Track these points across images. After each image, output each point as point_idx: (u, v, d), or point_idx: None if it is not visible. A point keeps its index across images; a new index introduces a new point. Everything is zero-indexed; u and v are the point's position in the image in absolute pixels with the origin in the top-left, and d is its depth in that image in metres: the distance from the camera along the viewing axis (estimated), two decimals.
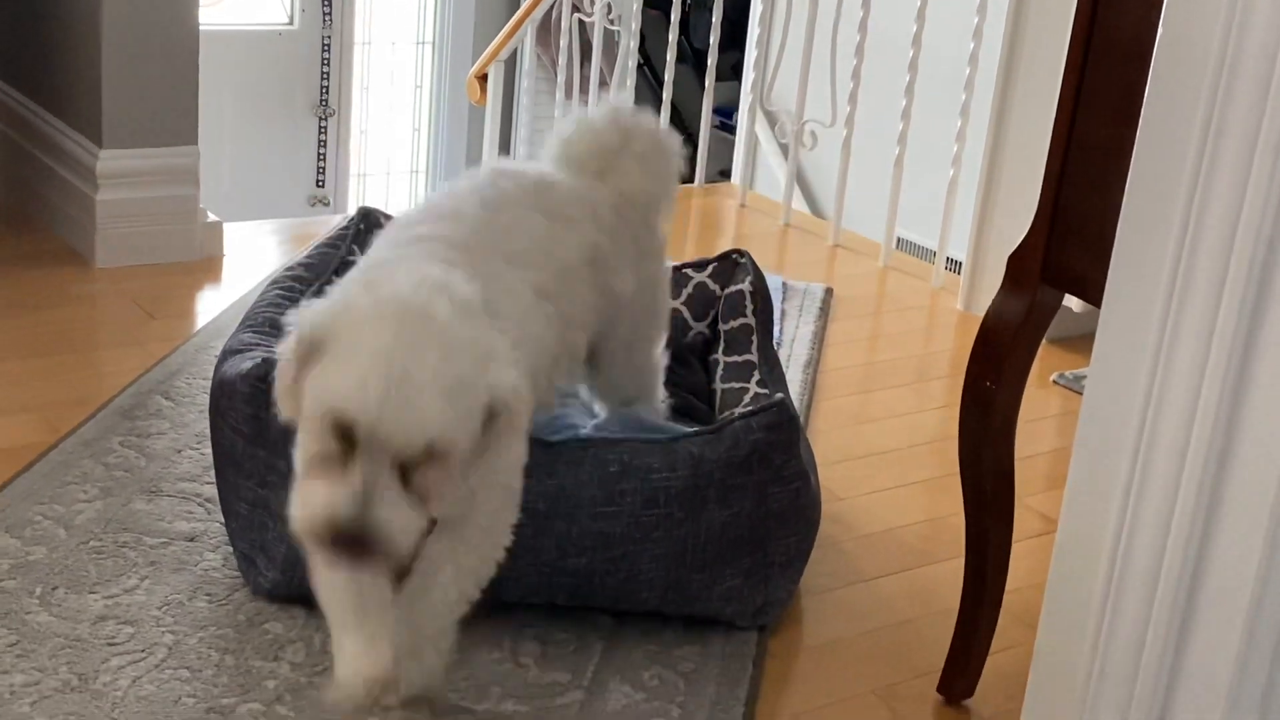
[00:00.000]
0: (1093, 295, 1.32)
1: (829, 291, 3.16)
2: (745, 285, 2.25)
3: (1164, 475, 1.16)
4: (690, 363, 2.28)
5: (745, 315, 2.19)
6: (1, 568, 1.84)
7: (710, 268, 2.37)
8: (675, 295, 2.29)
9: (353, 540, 1.11)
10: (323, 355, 1.15)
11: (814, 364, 2.76)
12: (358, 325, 1.14)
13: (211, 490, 1.95)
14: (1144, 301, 1.18)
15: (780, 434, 1.73)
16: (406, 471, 1.13)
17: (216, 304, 2.85)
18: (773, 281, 2.51)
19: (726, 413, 1.89)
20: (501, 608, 1.67)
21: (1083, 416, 1.24)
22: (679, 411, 2.07)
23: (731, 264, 2.34)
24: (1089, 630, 1.23)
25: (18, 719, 1.55)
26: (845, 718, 1.62)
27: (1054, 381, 2.77)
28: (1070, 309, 2.61)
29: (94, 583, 1.83)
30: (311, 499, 1.13)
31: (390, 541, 1.12)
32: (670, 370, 2.11)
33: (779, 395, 1.83)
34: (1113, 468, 1.19)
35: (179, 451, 2.19)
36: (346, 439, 1.12)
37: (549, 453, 1.70)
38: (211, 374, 1.90)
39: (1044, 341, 2.89)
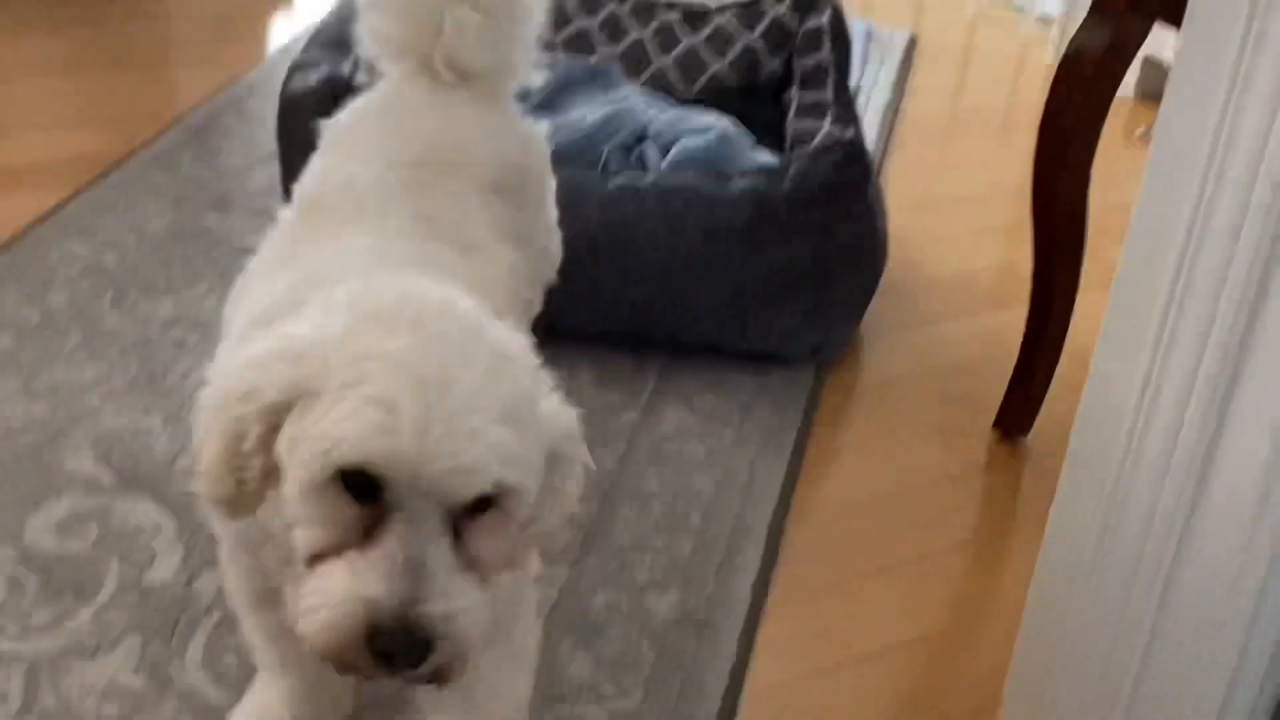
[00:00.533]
0: (1180, 19, 1.26)
1: (913, 39, 3.06)
2: (824, 21, 2.13)
3: (1211, 268, 1.11)
4: (763, 99, 2.18)
5: (822, 52, 2.07)
6: (74, 271, 1.98)
7: (788, 0, 2.21)
8: (751, 30, 2.19)
9: (403, 643, 0.77)
10: (310, 399, 0.80)
11: (894, 109, 2.69)
12: (363, 346, 0.80)
13: (280, 207, 1.99)
14: (1207, 89, 1.12)
15: (849, 173, 1.68)
16: (457, 532, 0.81)
17: (290, 28, 2.86)
18: (857, 28, 2.42)
19: (795, 150, 1.79)
20: (558, 336, 1.67)
21: (1142, 192, 1.21)
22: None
23: None
24: (1137, 381, 1.21)
25: (88, 412, 1.66)
26: (897, 448, 1.65)
27: (1139, 136, 2.64)
28: (1161, 64, 2.46)
29: (164, 289, 1.90)
30: (331, 594, 0.78)
31: (455, 637, 0.78)
32: (742, 107, 2.05)
33: (850, 133, 1.75)
34: (1164, 251, 1.16)
35: (249, 169, 2.28)
36: (365, 501, 0.79)
37: (611, 185, 1.68)
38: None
39: (1134, 98, 2.79)
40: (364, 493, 0.78)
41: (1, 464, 1.50)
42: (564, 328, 1.59)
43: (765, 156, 1.83)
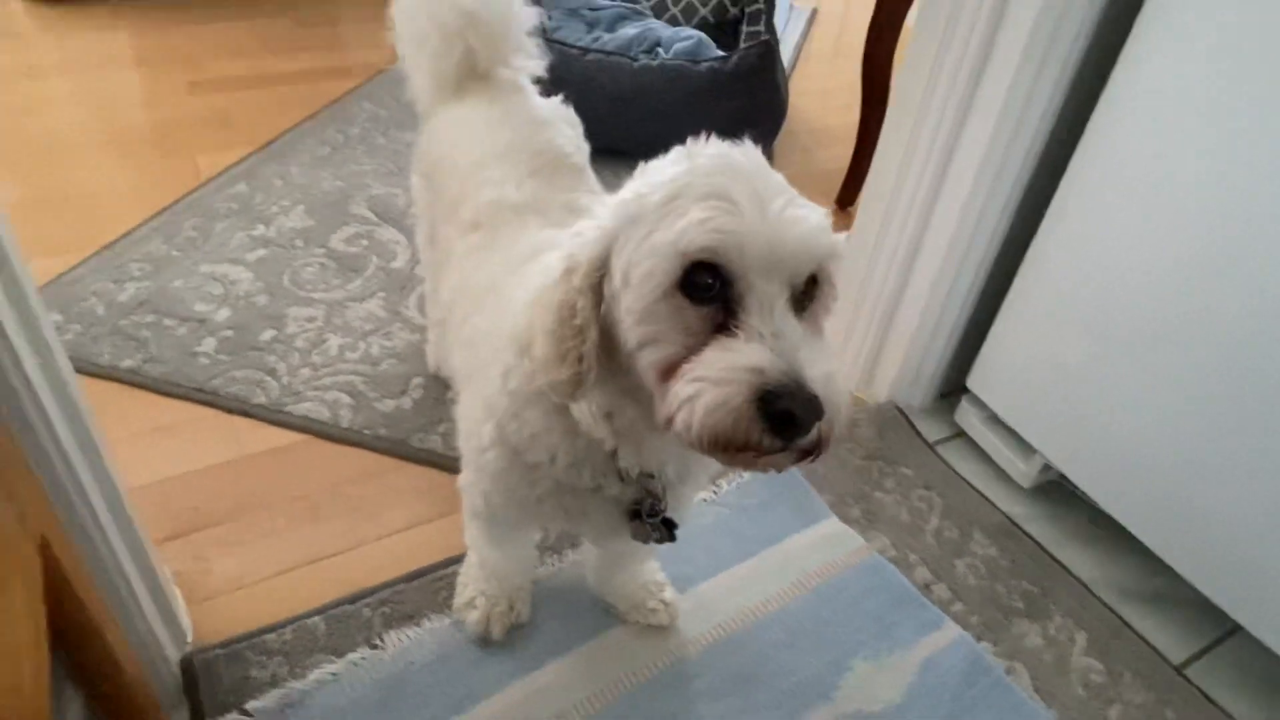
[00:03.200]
0: None
1: (815, 10, 3.85)
2: None
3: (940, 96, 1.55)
4: (726, 30, 2.82)
5: (759, 3, 2.63)
6: (362, 117, 2.63)
7: None
8: None
9: (800, 401, 0.66)
10: (630, 228, 0.73)
11: (799, 46, 3.45)
12: (669, 176, 0.73)
13: None
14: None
15: (765, 60, 2.27)
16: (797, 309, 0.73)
17: None
18: (783, 2, 3.42)
19: (738, 49, 2.40)
20: (611, 152, 2.19)
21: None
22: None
23: None
24: (898, 156, 1.66)
25: (365, 185, 2.35)
26: None
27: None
28: None
29: (409, 127, 2.56)
30: (711, 377, 0.67)
31: (834, 395, 0.68)
32: (715, 33, 2.68)
33: (768, 39, 2.34)
34: (916, 88, 1.58)
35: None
36: (707, 302, 0.71)
37: (637, 65, 2.27)
38: None
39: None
40: (705, 296, 0.70)
41: (319, 209, 2.26)
42: (609, 146, 2.23)
43: (720, 52, 2.45)
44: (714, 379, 0.67)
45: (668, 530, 0.95)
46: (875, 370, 1.87)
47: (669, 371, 0.71)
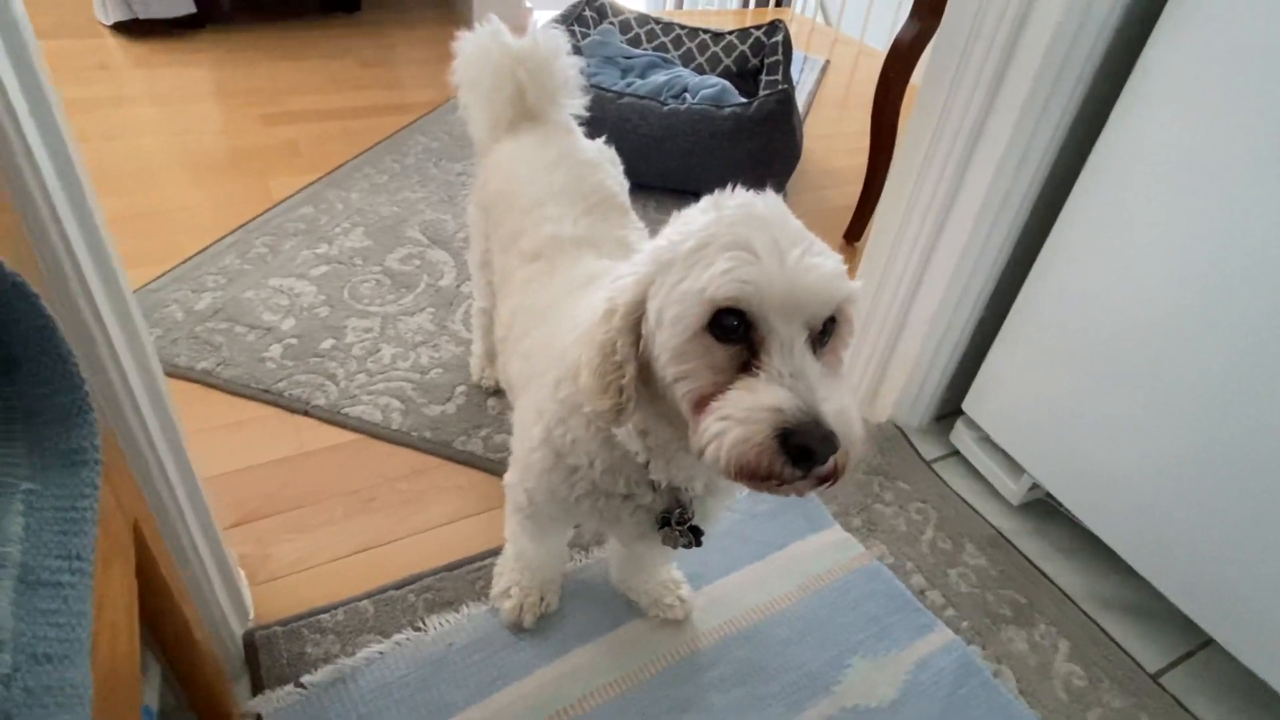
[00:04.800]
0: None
1: (828, 62, 3.90)
2: (779, 39, 2.79)
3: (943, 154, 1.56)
4: (747, 78, 2.92)
5: (778, 55, 2.70)
6: (417, 150, 2.69)
7: (762, 30, 2.95)
8: (743, 43, 2.98)
9: (816, 436, 0.67)
10: (663, 273, 0.74)
11: (813, 94, 3.47)
12: (699, 226, 0.74)
13: None
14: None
15: (782, 106, 2.30)
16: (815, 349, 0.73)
17: None
18: (798, 55, 3.58)
19: (759, 95, 2.43)
20: (638, 187, 2.22)
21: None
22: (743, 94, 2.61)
23: (773, 27, 2.93)
24: (905, 198, 1.67)
25: (418, 210, 2.40)
26: None
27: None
28: None
29: (458, 158, 2.62)
30: (736, 415, 0.68)
31: (849, 429, 0.69)
32: (737, 81, 2.79)
33: (785, 89, 2.38)
34: (923, 135, 1.59)
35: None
36: (733, 342, 0.71)
37: (665, 109, 2.31)
38: None
39: None
40: (731, 336, 0.70)
41: (376, 231, 2.30)
42: (640, 182, 2.25)
43: (742, 99, 2.48)
44: (739, 418, 0.68)
45: (695, 537, 0.95)
46: (879, 392, 1.88)
47: (700, 404, 0.72)
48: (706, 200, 0.77)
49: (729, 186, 0.79)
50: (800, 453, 0.67)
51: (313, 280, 2.08)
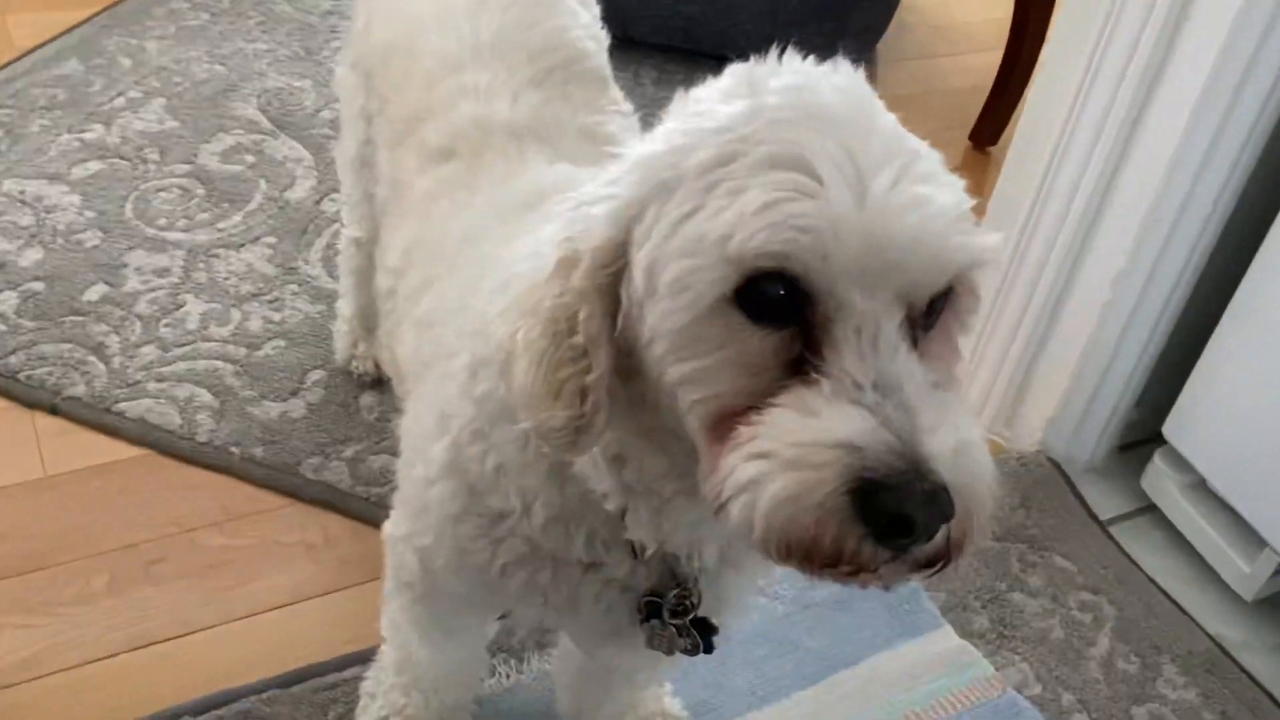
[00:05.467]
0: None
1: None
2: None
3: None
4: None
5: None
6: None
7: None
8: None
9: (919, 495, 0.65)
10: (662, 199, 0.73)
11: None
12: (727, 119, 0.73)
13: None
14: None
15: None
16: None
17: None
18: None
19: None
20: (628, 44, 2.24)
21: None
22: None
23: None
24: (1071, 89, 1.66)
25: (257, 73, 2.40)
26: None
27: None
28: None
29: None
30: (791, 457, 0.67)
31: (973, 481, 0.68)
32: None
33: None
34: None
35: None
36: (773, 318, 0.70)
37: None
38: None
39: None
40: (774, 316, 0.70)
41: (186, 106, 2.29)
42: (630, 36, 2.21)
43: None
44: (787, 458, 0.67)
45: (702, 638, 0.95)
46: (1021, 405, 1.88)
47: (721, 426, 0.72)
48: (736, 74, 0.77)
49: (774, 50, 0.77)
50: (892, 522, 0.65)
51: (75, 186, 2.08)
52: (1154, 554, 1.77)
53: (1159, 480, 1.81)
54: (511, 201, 1.03)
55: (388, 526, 1.10)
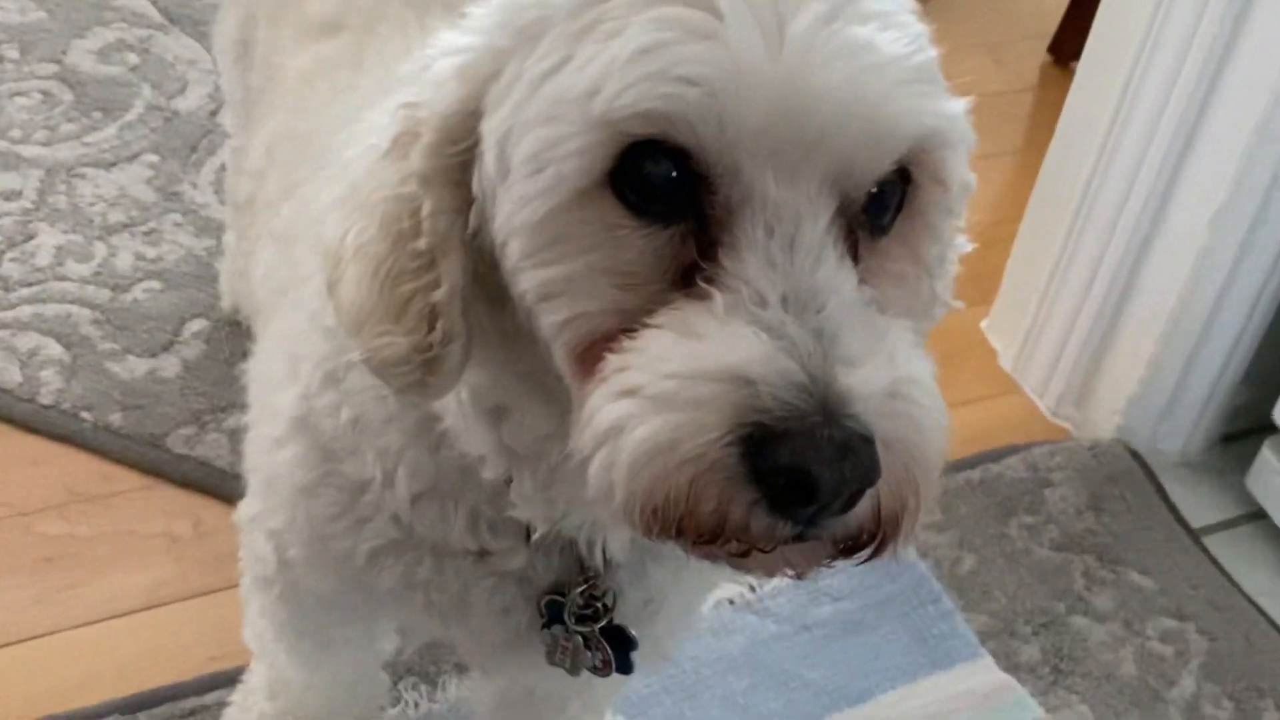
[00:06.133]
0: None
1: None
2: None
3: None
4: None
5: None
6: None
7: None
8: None
9: (830, 447, 0.60)
10: (524, 51, 0.69)
11: None
12: None
13: None
14: None
15: None
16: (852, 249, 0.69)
17: None
18: None
19: None
20: None
21: None
22: None
23: None
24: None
25: None
26: (949, 66, 2.14)
27: None
28: None
29: None
30: (663, 392, 0.63)
31: (910, 429, 0.64)
32: None
33: None
34: None
35: None
36: (659, 208, 0.66)
37: None
38: None
39: None
40: (661, 206, 0.67)
41: None
42: None
43: None
44: (657, 395, 0.63)
45: (614, 651, 0.94)
46: (1094, 380, 1.87)
47: (591, 356, 0.68)
48: None
49: None
50: (789, 483, 0.61)
51: None
52: (1259, 571, 1.74)
53: (1269, 479, 1.77)
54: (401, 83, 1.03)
55: (240, 508, 1.10)
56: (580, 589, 0.92)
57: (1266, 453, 1.77)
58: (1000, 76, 2.30)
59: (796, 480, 0.61)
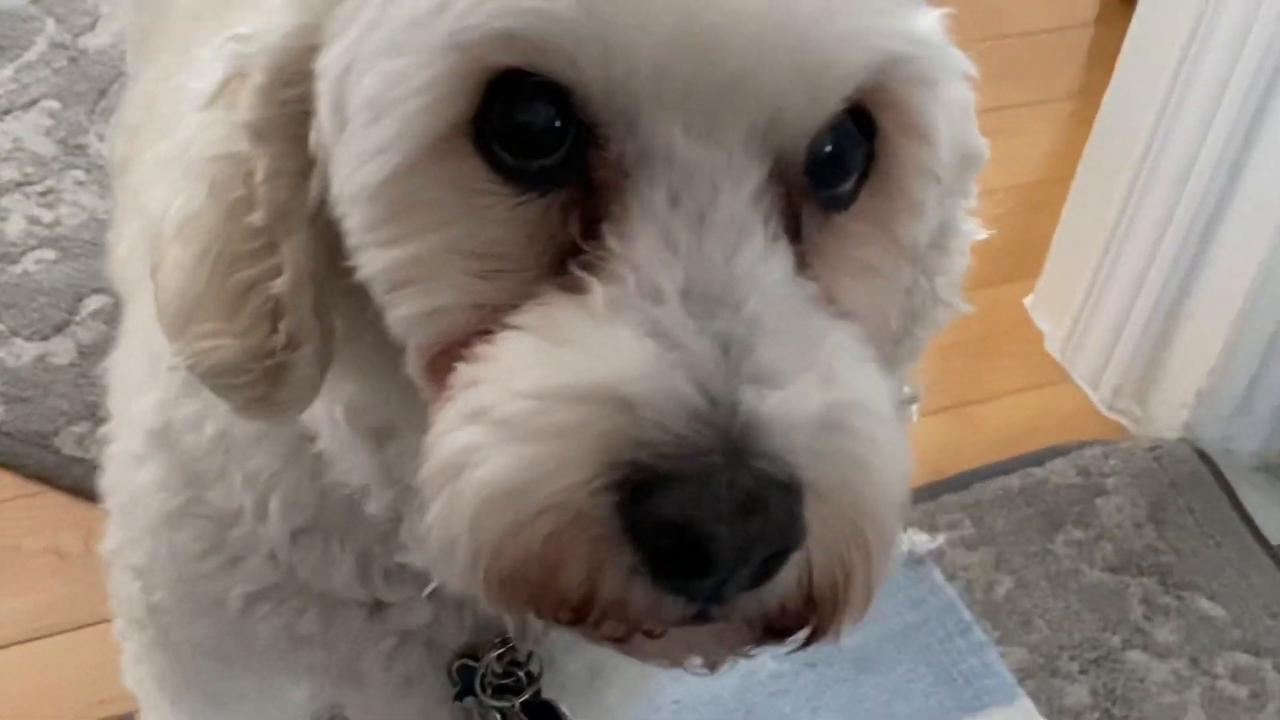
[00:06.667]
0: None
1: None
2: None
3: None
4: None
5: None
6: None
7: None
8: None
9: (726, 514, 0.55)
10: None
11: None
12: None
13: None
14: None
15: None
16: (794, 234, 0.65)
17: None
18: None
19: None
20: None
21: None
22: None
23: None
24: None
25: None
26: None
27: None
28: None
29: None
30: (517, 427, 0.58)
31: (856, 485, 0.59)
32: None
33: None
34: None
35: None
36: (531, 164, 0.62)
37: None
38: None
39: None
40: (536, 160, 0.63)
41: None
42: None
43: None
44: (507, 417, 0.58)
45: None
46: (1157, 372, 1.86)
47: (443, 361, 0.63)
48: None
49: None
50: (674, 547, 0.55)
51: None
52: None
53: None
54: None
55: (107, 538, 1.08)
56: (497, 653, 0.89)
57: None
58: (1052, 11, 2.28)
59: (686, 542, 0.55)
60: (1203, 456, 1.81)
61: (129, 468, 0.94)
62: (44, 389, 1.66)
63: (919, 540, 1.64)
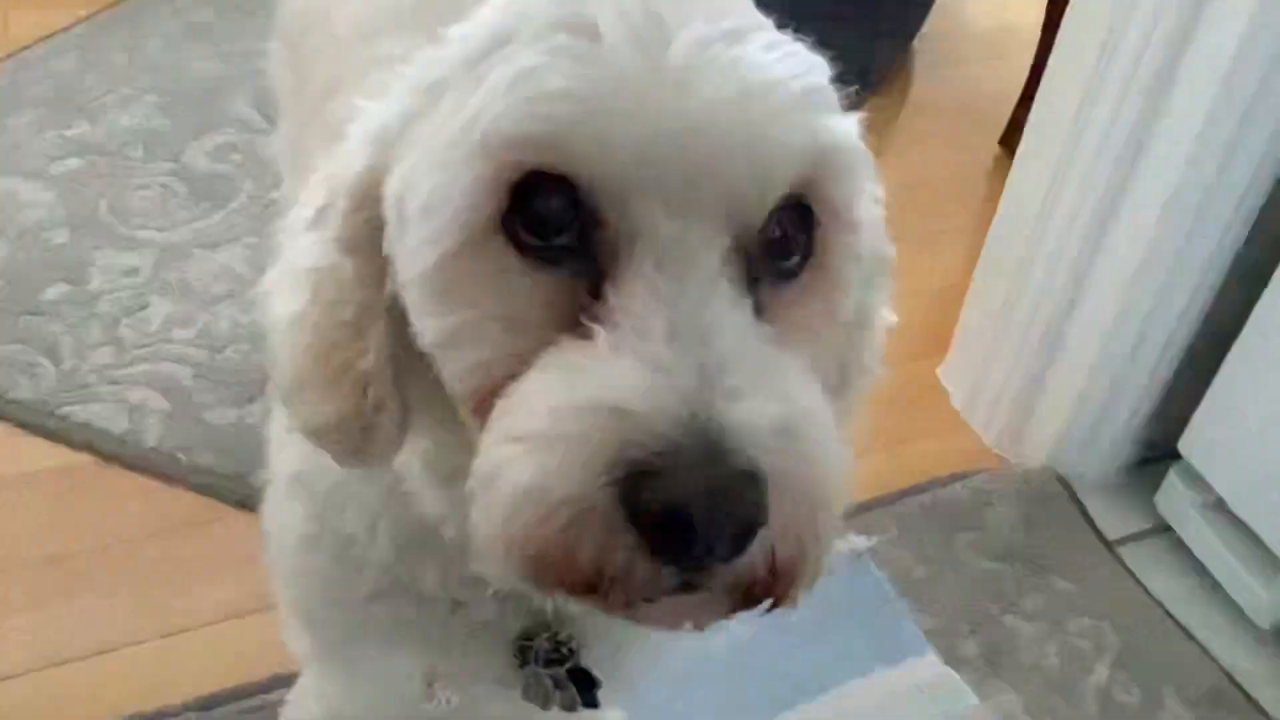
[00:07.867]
0: None
1: None
2: None
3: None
4: None
5: None
6: None
7: None
8: None
9: (702, 498, 0.52)
10: (461, 82, 0.61)
11: None
12: (499, 19, 0.62)
13: None
14: None
15: None
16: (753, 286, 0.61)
17: None
18: None
19: None
20: None
21: None
22: None
23: None
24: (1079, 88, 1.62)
25: (258, 72, 2.32)
26: (920, 152, 2.24)
27: None
28: None
29: None
30: (536, 430, 0.55)
31: (804, 468, 0.55)
32: None
33: None
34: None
35: None
36: (550, 247, 0.59)
37: None
38: None
39: None
40: (554, 245, 0.60)
41: (178, 104, 2.26)
42: None
43: None
44: (529, 432, 0.55)
45: (580, 690, 0.88)
46: (1029, 420, 1.84)
47: (487, 404, 0.60)
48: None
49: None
50: (665, 524, 0.52)
51: (51, 182, 2.06)
52: (1164, 577, 1.71)
53: (1173, 498, 1.76)
54: None
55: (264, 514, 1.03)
56: (546, 635, 0.87)
57: (1172, 476, 1.76)
58: (955, 164, 2.28)
59: (673, 522, 0.53)
60: (1060, 479, 1.81)
61: (277, 502, 0.92)
62: (244, 445, 1.63)
63: (858, 541, 1.63)
